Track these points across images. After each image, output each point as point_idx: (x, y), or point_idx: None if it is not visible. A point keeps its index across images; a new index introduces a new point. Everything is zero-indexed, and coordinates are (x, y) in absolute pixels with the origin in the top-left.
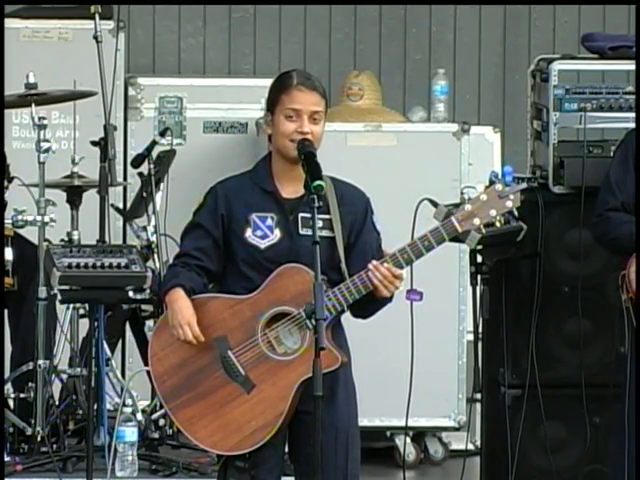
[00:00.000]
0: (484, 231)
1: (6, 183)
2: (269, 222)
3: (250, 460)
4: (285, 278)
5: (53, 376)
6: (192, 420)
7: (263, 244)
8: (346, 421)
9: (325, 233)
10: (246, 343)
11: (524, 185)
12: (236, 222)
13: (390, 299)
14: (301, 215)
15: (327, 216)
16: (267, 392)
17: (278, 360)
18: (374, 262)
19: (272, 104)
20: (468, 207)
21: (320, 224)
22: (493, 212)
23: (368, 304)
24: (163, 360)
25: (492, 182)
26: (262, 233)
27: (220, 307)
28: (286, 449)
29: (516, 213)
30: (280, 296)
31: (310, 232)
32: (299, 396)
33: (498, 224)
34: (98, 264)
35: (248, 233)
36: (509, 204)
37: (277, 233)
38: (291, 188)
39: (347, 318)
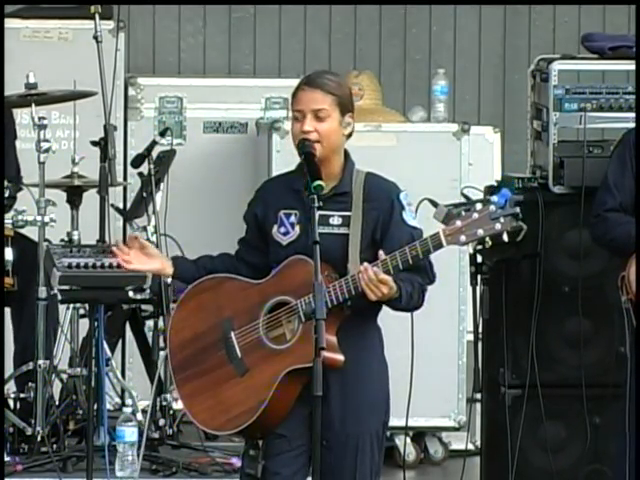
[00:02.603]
0: (471, 249)
1: (7, 183)
2: (292, 219)
3: (261, 450)
4: (292, 268)
5: (53, 376)
6: (192, 395)
7: (285, 241)
8: (357, 427)
9: (343, 230)
10: (248, 327)
11: (517, 210)
12: (268, 220)
13: (399, 301)
14: (319, 213)
15: (348, 213)
16: (256, 378)
17: (271, 348)
18: (365, 264)
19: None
20: (458, 223)
21: (340, 221)
22: (480, 232)
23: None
24: (179, 333)
25: (488, 201)
26: (285, 230)
27: (234, 288)
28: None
29: (506, 238)
30: (284, 285)
31: (326, 229)
32: (295, 388)
33: (486, 245)
34: (98, 264)
35: (274, 230)
36: (498, 227)
37: (297, 230)
38: None
39: None
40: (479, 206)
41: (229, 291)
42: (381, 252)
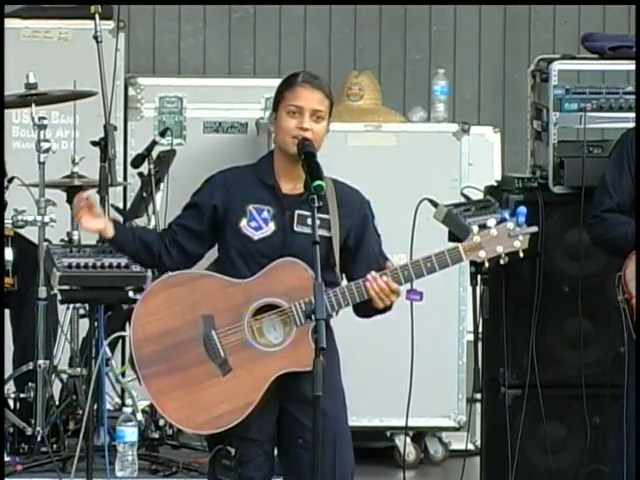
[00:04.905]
0: (487, 265)
1: (6, 183)
2: (265, 215)
3: (236, 458)
4: (282, 271)
5: (53, 376)
6: (163, 391)
7: (256, 235)
8: (333, 423)
9: (322, 232)
10: (231, 326)
11: (535, 229)
12: (233, 211)
13: (389, 308)
14: (298, 212)
15: (326, 216)
16: (242, 378)
17: (260, 350)
18: (373, 273)
19: (276, 101)
20: (477, 239)
21: (318, 223)
22: (500, 249)
23: (367, 309)
24: (146, 326)
25: (504, 219)
26: (257, 224)
27: (213, 286)
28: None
29: (522, 254)
30: (274, 288)
31: (305, 230)
32: (269, 392)
33: (502, 261)
34: (98, 264)
35: (243, 223)
36: (517, 244)
37: (272, 226)
38: (290, 185)
39: (350, 317)
40: (493, 221)
41: (207, 288)
42: (389, 263)
